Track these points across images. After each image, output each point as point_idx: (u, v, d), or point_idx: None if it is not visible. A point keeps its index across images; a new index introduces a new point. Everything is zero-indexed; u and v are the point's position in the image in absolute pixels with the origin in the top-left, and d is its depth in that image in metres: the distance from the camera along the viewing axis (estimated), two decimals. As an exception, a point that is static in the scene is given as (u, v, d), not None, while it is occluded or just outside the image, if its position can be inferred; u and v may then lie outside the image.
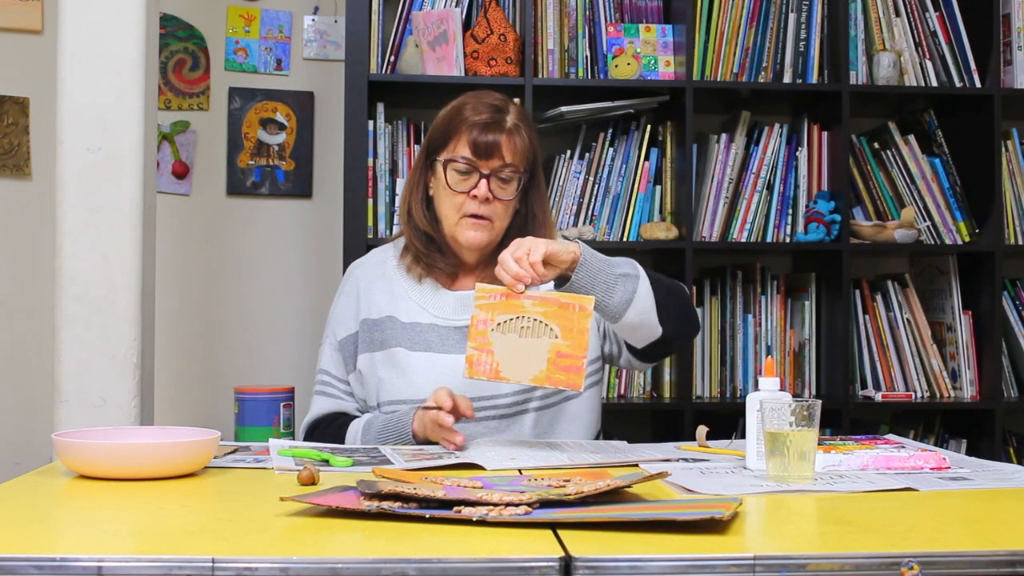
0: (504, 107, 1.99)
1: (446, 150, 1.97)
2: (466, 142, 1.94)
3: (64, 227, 2.44)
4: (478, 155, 1.93)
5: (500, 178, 1.95)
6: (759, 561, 1.06)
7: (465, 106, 1.98)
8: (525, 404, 1.95)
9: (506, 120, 1.96)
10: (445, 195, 1.97)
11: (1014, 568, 1.08)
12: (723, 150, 3.06)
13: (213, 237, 3.30)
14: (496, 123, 1.95)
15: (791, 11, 3.07)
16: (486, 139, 1.93)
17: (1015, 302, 3.18)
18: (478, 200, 1.94)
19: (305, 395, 3.18)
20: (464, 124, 1.95)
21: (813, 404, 1.47)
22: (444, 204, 1.98)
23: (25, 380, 3.16)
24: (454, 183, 1.95)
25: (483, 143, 1.93)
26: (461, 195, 1.95)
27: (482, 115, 1.95)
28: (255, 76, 3.31)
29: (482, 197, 1.93)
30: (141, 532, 1.25)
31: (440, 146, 1.98)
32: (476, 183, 1.94)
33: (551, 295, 1.73)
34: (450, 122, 1.97)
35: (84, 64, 2.45)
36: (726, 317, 3.09)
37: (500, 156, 1.94)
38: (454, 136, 1.96)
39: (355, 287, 2.07)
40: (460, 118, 1.96)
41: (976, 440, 3.05)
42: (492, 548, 1.11)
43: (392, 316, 2.01)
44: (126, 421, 2.42)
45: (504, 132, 1.95)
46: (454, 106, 2.00)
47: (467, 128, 1.94)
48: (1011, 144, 3.14)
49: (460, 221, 1.96)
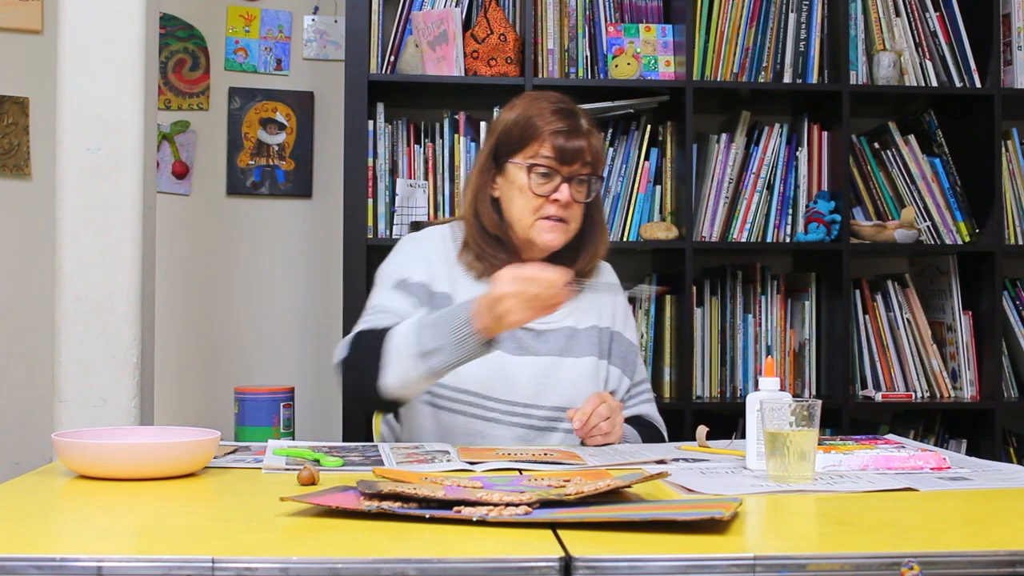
0: (577, 111, 2.00)
1: (522, 153, 1.96)
2: (550, 147, 1.94)
3: (64, 227, 2.44)
4: (562, 160, 1.94)
5: (578, 181, 1.97)
6: (759, 561, 1.06)
7: (541, 110, 1.97)
8: (556, 422, 1.96)
9: (582, 124, 1.98)
10: (521, 197, 1.97)
11: (1014, 568, 1.08)
12: (723, 150, 3.06)
13: (213, 237, 3.30)
14: (576, 128, 1.96)
15: (791, 11, 3.07)
16: (572, 144, 1.94)
17: (1015, 302, 3.18)
18: (559, 204, 1.95)
19: (305, 395, 3.19)
20: (545, 128, 1.95)
21: (813, 404, 1.47)
22: (518, 206, 1.97)
23: (25, 380, 3.16)
24: (535, 186, 1.95)
25: (569, 148, 1.94)
26: (540, 198, 1.95)
27: (563, 120, 1.96)
28: (255, 76, 3.31)
29: (564, 200, 1.95)
30: (141, 532, 1.25)
31: (515, 149, 1.98)
32: (557, 186, 1.95)
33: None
34: (527, 125, 1.97)
35: (84, 64, 2.45)
36: (726, 317, 3.09)
37: (581, 160, 1.96)
38: (534, 139, 1.96)
39: (419, 250, 2.04)
40: (539, 122, 1.96)
41: (976, 440, 3.05)
42: (492, 548, 1.11)
43: (450, 295, 1.98)
44: (126, 421, 2.42)
45: (584, 136, 1.96)
46: (525, 109, 1.99)
47: (550, 133, 1.95)
48: (1011, 144, 3.14)
49: (536, 223, 1.96)
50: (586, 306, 2.06)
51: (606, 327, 2.07)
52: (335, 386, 1.98)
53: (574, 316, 2.04)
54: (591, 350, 2.03)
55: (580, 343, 2.03)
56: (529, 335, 2.00)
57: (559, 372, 1.98)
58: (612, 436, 1.88)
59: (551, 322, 2.01)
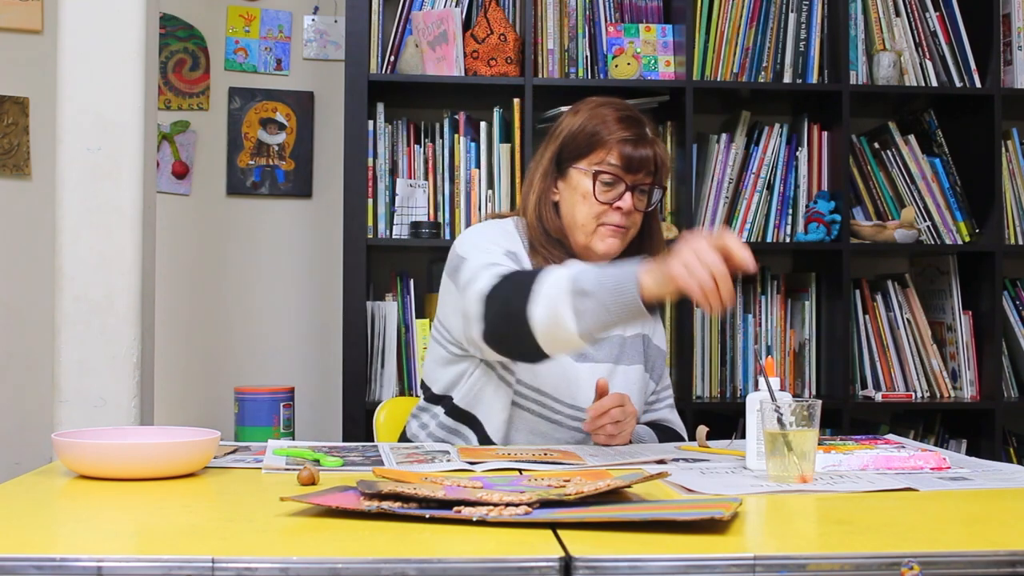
0: (643, 120, 1.99)
1: (587, 159, 1.96)
2: (616, 154, 1.93)
3: (64, 227, 2.44)
4: (628, 169, 1.94)
5: (641, 190, 1.97)
6: (759, 561, 1.06)
7: (607, 117, 1.96)
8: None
9: (648, 133, 1.97)
10: (583, 203, 1.96)
11: (1014, 568, 1.08)
12: (723, 150, 3.06)
13: (213, 237, 3.29)
14: (643, 137, 1.96)
15: (791, 11, 3.07)
16: (639, 153, 1.94)
17: (1015, 302, 3.18)
18: (622, 212, 1.94)
19: (305, 395, 3.19)
20: (613, 136, 1.94)
21: (813, 404, 1.47)
22: (580, 212, 1.96)
23: (25, 380, 3.16)
24: (600, 193, 1.94)
25: (637, 157, 1.93)
26: (603, 205, 1.94)
27: (631, 128, 1.95)
28: (255, 76, 3.31)
29: (627, 209, 1.94)
30: (141, 532, 1.24)
31: (580, 155, 1.97)
32: (621, 195, 1.94)
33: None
34: (594, 132, 1.96)
35: (84, 64, 2.45)
36: (726, 317, 3.09)
37: (646, 169, 1.96)
38: (600, 147, 1.95)
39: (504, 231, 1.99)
40: (607, 130, 1.95)
41: (976, 440, 3.05)
42: (492, 548, 1.11)
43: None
44: (126, 421, 2.42)
45: (650, 145, 1.96)
46: (593, 116, 1.98)
47: (617, 141, 1.94)
48: (1011, 144, 3.14)
49: (597, 230, 1.96)
50: None
51: (646, 333, 2.09)
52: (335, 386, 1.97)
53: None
54: (638, 358, 2.05)
55: (629, 351, 2.04)
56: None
57: (614, 379, 1.99)
58: (616, 440, 1.89)
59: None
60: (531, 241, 2.01)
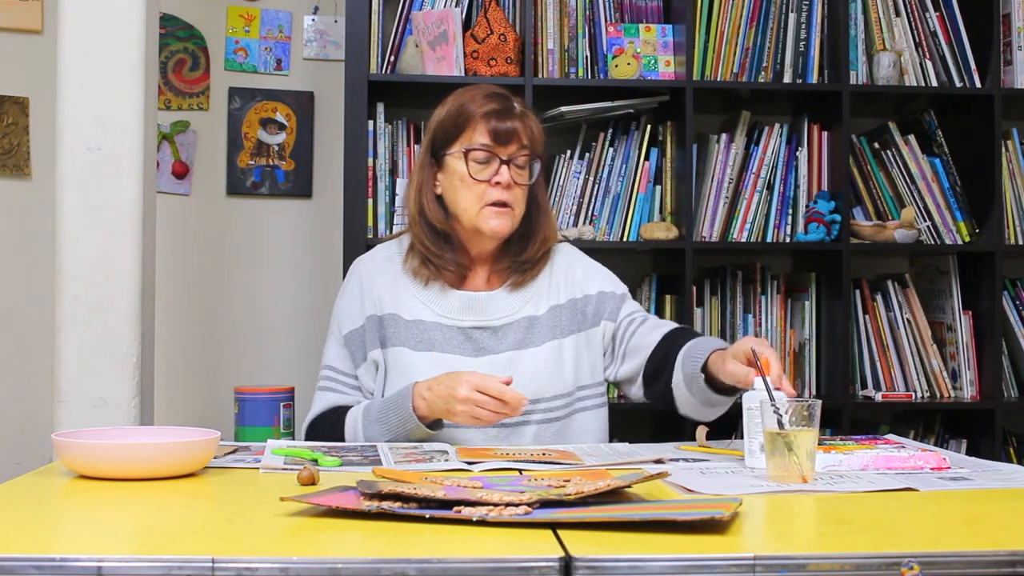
0: (508, 95, 2.02)
1: (458, 142, 1.98)
2: (484, 130, 1.95)
3: (64, 227, 2.44)
4: (497, 141, 1.96)
5: (517, 164, 1.98)
6: (759, 561, 1.06)
7: (471, 98, 1.99)
8: (528, 416, 1.95)
9: (515, 107, 1.99)
10: (463, 187, 1.97)
11: (1014, 568, 1.08)
12: (723, 150, 3.06)
13: (213, 237, 3.30)
14: (508, 110, 1.98)
15: (791, 11, 3.07)
16: (505, 126, 1.95)
17: (1015, 302, 3.18)
18: (501, 187, 1.95)
19: (305, 395, 3.18)
20: (477, 114, 1.97)
21: (813, 404, 1.47)
22: (463, 196, 1.98)
23: (25, 380, 3.16)
24: (475, 172, 1.96)
25: (503, 129, 1.95)
26: (482, 184, 1.96)
27: (493, 103, 1.97)
28: (255, 76, 3.31)
29: (505, 183, 1.95)
30: (141, 532, 1.25)
31: (450, 140, 1.99)
32: (497, 170, 1.96)
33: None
34: (459, 115, 1.98)
35: (84, 64, 2.45)
36: (726, 317, 3.09)
37: (518, 141, 1.97)
38: (467, 127, 1.97)
39: (358, 283, 2.07)
40: (471, 109, 1.97)
41: (976, 440, 3.05)
42: (492, 548, 1.11)
43: (395, 314, 2.01)
44: (126, 421, 2.42)
45: (518, 118, 1.97)
46: (457, 100, 2.01)
47: (482, 117, 1.96)
48: (1011, 144, 3.14)
49: (482, 211, 1.97)
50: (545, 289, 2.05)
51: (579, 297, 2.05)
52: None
53: (532, 304, 2.03)
54: (552, 334, 2.02)
55: (539, 331, 2.02)
56: (485, 334, 2.00)
57: (518, 366, 1.97)
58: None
59: (507, 316, 2.01)
60: (412, 244, 2.04)
